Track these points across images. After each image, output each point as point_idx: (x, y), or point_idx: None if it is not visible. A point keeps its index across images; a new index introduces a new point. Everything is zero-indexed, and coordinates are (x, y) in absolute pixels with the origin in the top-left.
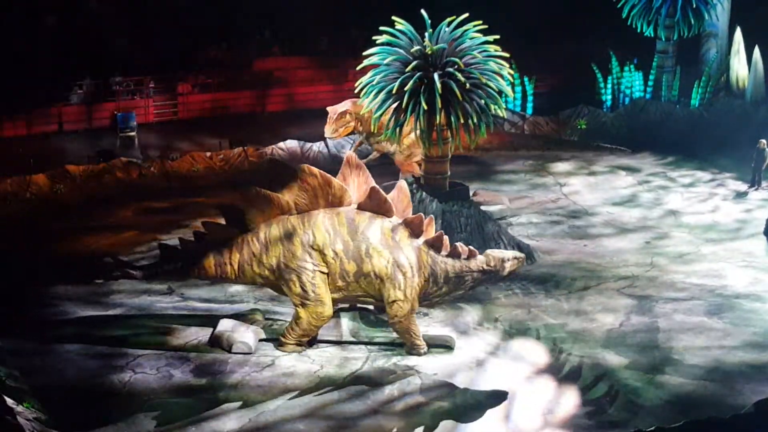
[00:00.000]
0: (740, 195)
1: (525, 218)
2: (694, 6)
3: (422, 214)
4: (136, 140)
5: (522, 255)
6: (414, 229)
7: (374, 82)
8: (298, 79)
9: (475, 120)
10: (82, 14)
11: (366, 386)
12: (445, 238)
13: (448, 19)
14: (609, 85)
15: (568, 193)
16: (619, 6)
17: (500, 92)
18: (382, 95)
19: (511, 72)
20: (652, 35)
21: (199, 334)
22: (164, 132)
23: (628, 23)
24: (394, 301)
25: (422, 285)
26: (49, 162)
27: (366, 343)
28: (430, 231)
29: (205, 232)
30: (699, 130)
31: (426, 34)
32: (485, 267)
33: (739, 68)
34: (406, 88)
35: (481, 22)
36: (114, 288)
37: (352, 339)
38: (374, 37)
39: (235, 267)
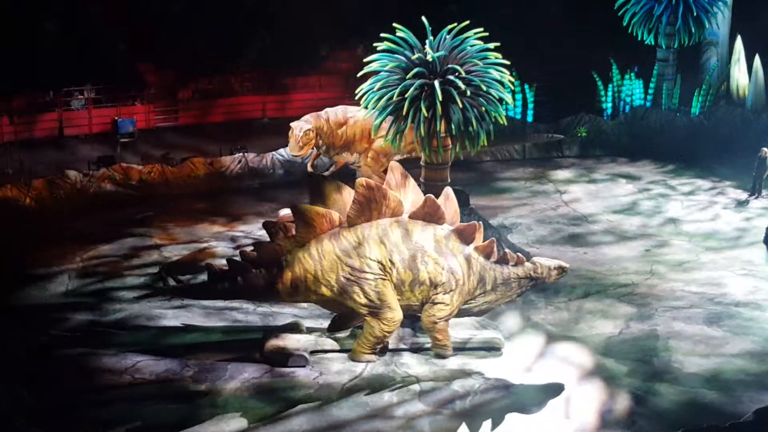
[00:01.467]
0: (740, 203)
1: (525, 225)
2: (695, 14)
3: (476, 222)
4: (135, 145)
5: (567, 265)
6: (466, 236)
7: (375, 89)
8: (298, 86)
9: (476, 127)
10: (83, 19)
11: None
12: (495, 244)
13: (449, 27)
14: (609, 93)
15: (568, 201)
16: (619, 14)
17: (501, 99)
18: (382, 102)
19: (512, 79)
20: (653, 43)
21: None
22: (164, 137)
23: (629, 31)
24: (438, 303)
25: (471, 291)
26: (49, 167)
27: (416, 350)
28: (479, 238)
29: (254, 252)
30: (699, 139)
31: (427, 42)
32: (532, 274)
33: (740, 77)
34: (406, 95)
35: (482, 29)
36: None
37: (402, 346)
38: (375, 44)
39: (288, 285)
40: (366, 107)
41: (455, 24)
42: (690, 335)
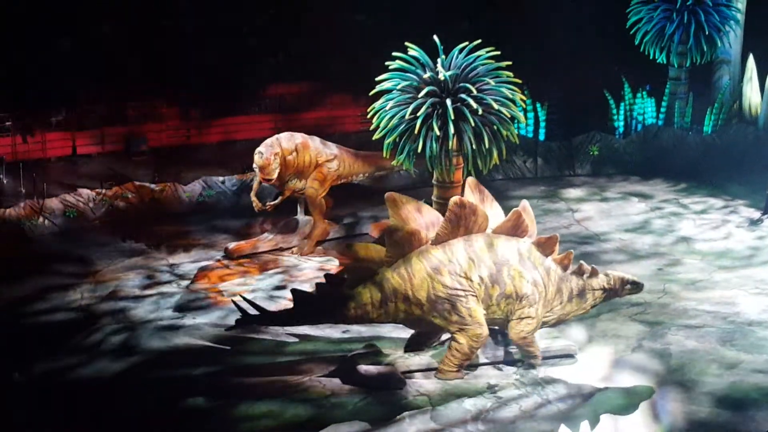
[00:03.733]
0: (753, 222)
1: None
2: (707, 33)
3: (556, 235)
4: (148, 163)
5: (641, 283)
6: (546, 249)
7: (387, 108)
8: (309, 104)
9: (487, 146)
10: (96, 37)
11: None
12: (572, 256)
13: (461, 45)
14: (621, 112)
15: (580, 219)
16: (631, 33)
17: (513, 118)
18: (394, 120)
19: (524, 98)
20: (665, 62)
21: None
22: (177, 156)
23: (641, 50)
24: (525, 318)
25: (550, 302)
26: (62, 186)
27: (491, 363)
28: (557, 249)
29: (342, 274)
30: (711, 157)
31: (438, 60)
32: (606, 286)
33: (752, 95)
34: (418, 114)
35: (493, 48)
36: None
37: (485, 360)
38: (387, 63)
39: (377, 306)
40: (378, 126)
41: (467, 42)
42: (703, 354)
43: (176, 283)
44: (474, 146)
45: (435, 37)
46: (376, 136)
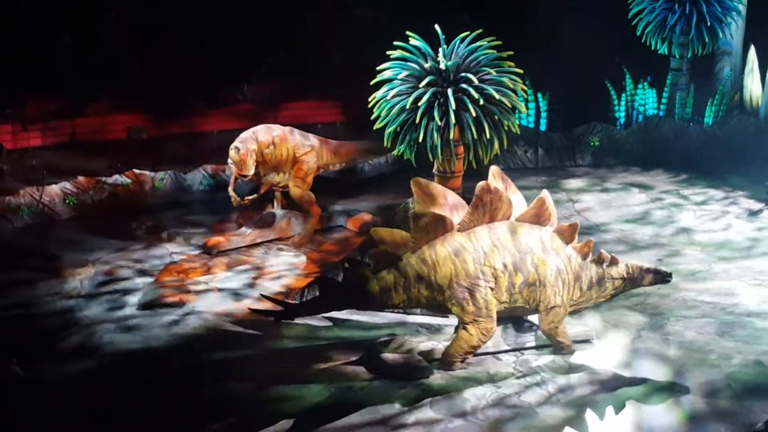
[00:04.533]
0: (753, 213)
1: None
2: (709, 24)
3: (576, 222)
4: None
5: (666, 272)
6: (567, 236)
7: (388, 98)
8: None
9: (488, 136)
10: (98, 30)
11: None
12: (592, 244)
13: (462, 35)
14: (623, 103)
15: (580, 210)
16: (633, 23)
17: (514, 108)
18: (395, 110)
19: (525, 88)
20: (666, 53)
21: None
22: (177, 144)
23: (642, 41)
24: (553, 307)
25: (572, 291)
26: (62, 173)
27: (513, 350)
28: (576, 237)
29: (371, 260)
30: (712, 148)
31: (440, 50)
32: (625, 275)
33: (753, 87)
34: (420, 104)
35: (495, 38)
36: None
37: (505, 347)
38: (388, 52)
39: (401, 292)
40: (379, 116)
41: (468, 32)
42: (702, 345)
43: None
44: (475, 136)
45: (436, 27)
46: (377, 126)
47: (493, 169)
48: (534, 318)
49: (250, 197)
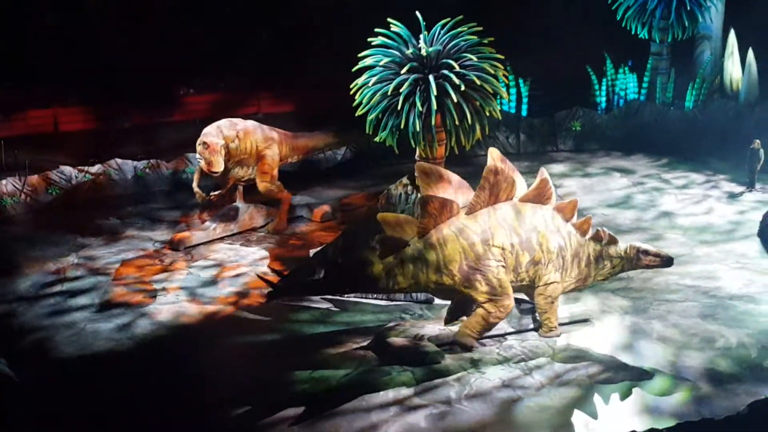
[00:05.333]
0: (735, 195)
1: None
2: (689, 8)
3: (575, 200)
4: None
5: (667, 256)
6: (566, 214)
7: (370, 84)
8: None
9: (470, 121)
10: (82, 15)
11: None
12: (591, 222)
13: (443, 21)
14: (603, 87)
15: (562, 195)
16: (613, 8)
17: (495, 94)
18: (377, 97)
19: (506, 74)
20: (647, 37)
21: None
22: (160, 133)
23: (623, 25)
24: (551, 283)
25: (570, 268)
26: (44, 163)
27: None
28: (575, 214)
29: (379, 245)
30: (693, 132)
31: (421, 36)
32: (623, 254)
33: (733, 70)
34: (401, 90)
35: (475, 24)
36: None
37: (510, 329)
38: (369, 39)
39: (408, 276)
40: (361, 102)
41: (449, 18)
42: (685, 328)
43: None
44: (457, 122)
45: (417, 13)
46: (359, 112)
47: (494, 152)
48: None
49: (216, 193)
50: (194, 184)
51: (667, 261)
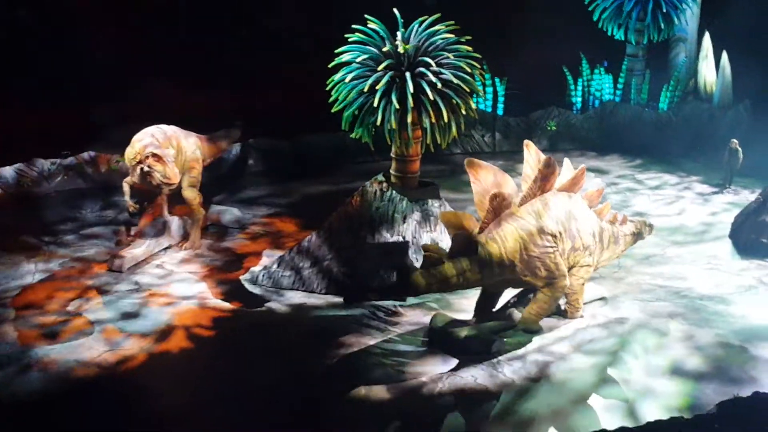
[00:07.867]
0: (712, 195)
1: None
2: (665, 11)
3: (603, 187)
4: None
5: (652, 224)
6: (592, 201)
7: (346, 81)
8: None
9: (446, 120)
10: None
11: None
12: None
13: (420, 19)
14: (579, 88)
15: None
16: (590, 9)
17: (472, 92)
18: (353, 94)
19: (483, 72)
20: (623, 39)
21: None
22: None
23: (599, 26)
24: (584, 266)
25: (599, 251)
26: (18, 154)
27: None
28: (599, 201)
29: (451, 244)
30: (667, 134)
31: (398, 33)
32: (634, 230)
33: (707, 73)
34: (377, 87)
35: (453, 22)
36: None
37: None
38: (346, 35)
39: (476, 272)
40: (337, 98)
41: (426, 16)
42: (655, 328)
43: None
44: (433, 120)
45: (395, 10)
46: (334, 109)
47: (528, 143)
48: None
49: (147, 204)
50: (126, 197)
51: (652, 227)
